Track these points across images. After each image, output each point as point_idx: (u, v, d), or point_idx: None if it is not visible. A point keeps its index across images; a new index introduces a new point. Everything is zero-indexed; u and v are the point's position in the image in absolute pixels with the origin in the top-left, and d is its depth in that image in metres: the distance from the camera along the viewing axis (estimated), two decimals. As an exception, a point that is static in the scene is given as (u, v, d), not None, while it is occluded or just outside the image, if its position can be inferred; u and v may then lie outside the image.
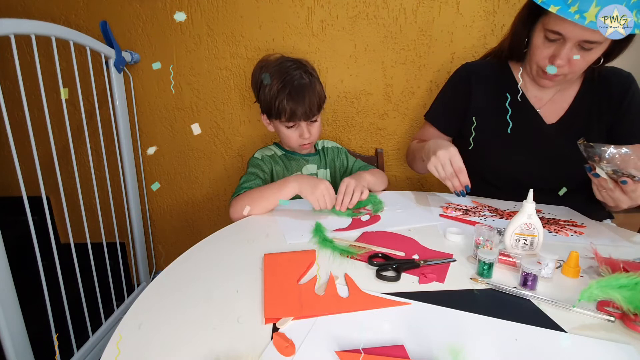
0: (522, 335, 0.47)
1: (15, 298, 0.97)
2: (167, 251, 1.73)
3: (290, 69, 1.02)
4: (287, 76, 1.00)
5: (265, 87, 1.01)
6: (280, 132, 1.08)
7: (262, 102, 1.05)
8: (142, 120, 1.53)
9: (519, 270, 0.61)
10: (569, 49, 0.84)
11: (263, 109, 1.07)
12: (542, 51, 0.90)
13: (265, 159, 1.09)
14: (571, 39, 0.83)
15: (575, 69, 0.88)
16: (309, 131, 1.05)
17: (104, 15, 1.41)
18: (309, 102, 1.00)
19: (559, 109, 1.00)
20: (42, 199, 1.05)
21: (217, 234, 0.78)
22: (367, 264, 0.65)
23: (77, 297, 1.19)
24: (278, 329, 0.48)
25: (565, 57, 0.86)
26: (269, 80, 1.00)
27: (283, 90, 0.99)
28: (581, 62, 0.87)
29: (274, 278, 0.59)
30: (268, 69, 1.03)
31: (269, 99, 1.01)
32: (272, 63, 1.04)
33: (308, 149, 1.13)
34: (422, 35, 1.37)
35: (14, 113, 1.02)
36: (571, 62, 0.86)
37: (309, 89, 1.01)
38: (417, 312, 0.52)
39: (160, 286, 0.59)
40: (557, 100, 1.00)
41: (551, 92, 1.01)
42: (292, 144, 1.08)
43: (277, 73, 1.01)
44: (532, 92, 1.02)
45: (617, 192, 0.75)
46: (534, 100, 1.02)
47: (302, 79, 1.01)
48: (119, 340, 0.47)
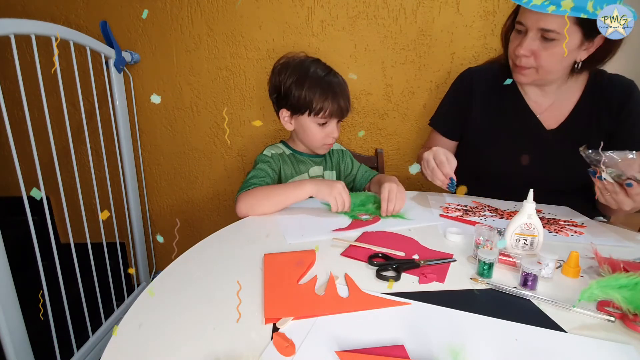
0: (522, 335, 0.47)
1: (15, 298, 0.97)
2: (167, 251, 1.73)
3: (320, 68, 1.02)
4: (325, 75, 1.01)
5: (301, 84, 0.99)
6: (306, 130, 1.04)
7: (292, 99, 1.01)
8: (142, 120, 1.53)
9: (519, 270, 0.61)
10: (530, 38, 0.87)
11: (291, 105, 1.02)
12: (512, 43, 0.93)
13: (274, 157, 1.07)
14: (530, 28, 0.86)
15: (542, 62, 0.89)
16: (337, 130, 1.06)
17: (104, 15, 1.41)
18: (346, 100, 1.03)
19: (559, 115, 1.00)
20: (42, 199, 1.05)
21: (217, 234, 0.78)
22: (367, 264, 0.65)
23: (77, 297, 1.19)
24: (278, 329, 0.48)
25: (527, 47, 0.88)
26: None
27: (325, 89, 0.99)
28: (546, 55, 0.87)
29: (274, 278, 0.59)
30: (299, 68, 1.01)
31: (307, 97, 0.99)
32: (303, 61, 1.03)
33: (327, 150, 1.11)
34: (422, 35, 1.37)
35: (14, 113, 1.02)
36: (536, 54, 0.88)
37: (345, 87, 1.04)
38: (417, 312, 0.52)
39: (160, 286, 0.59)
40: (557, 106, 1.00)
41: (551, 98, 1.01)
42: (316, 143, 1.06)
43: (312, 72, 1.01)
44: (532, 97, 1.02)
45: (621, 194, 0.75)
46: (534, 106, 1.02)
47: (337, 78, 1.03)
48: (119, 340, 0.47)
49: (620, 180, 0.73)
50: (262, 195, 0.89)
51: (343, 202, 0.86)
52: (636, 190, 0.72)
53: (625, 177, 0.72)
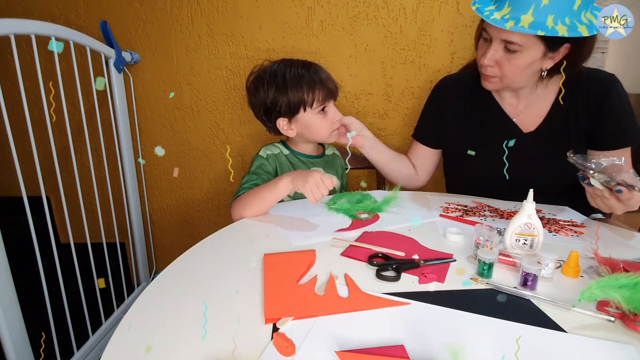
0: (522, 335, 0.47)
1: (15, 298, 0.97)
2: (167, 251, 1.73)
3: (295, 63, 1.02)
4: (300, 68, 1.00)
5: (284, 87, 0.98)
6: (310, 125, 1.02)
7: (283, 106, 1.00)
8: (142, 120, 1.53)
9: (519, 270, 0.61)
10: (494, 48, 0.87)
11: (284, 112, 1.01)
12: (479, 51, 0.94)
13: (270, 158, 1.06)
14: (494, 38, 0.86)
15: (505, 72, 0.89)
16: (337, 112, 1.05)
17: (104, 15, 1.41)
18: (332, 79, 1.03)
19: (536, 117, 0.99)
20: (42, 199, 1.05)
21: (217, 234, 0.78)
22: (367, 264, 0.65)
23: (77, 297, 1.19)
24: (278, 329, 0.48)
25: (491, 57, 0.88)
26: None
27: (310, 79, 0.98)
28: (509, 66, 0.88)
29: (274, 278, 0.59)
30: (273, 76, 0.99)
31: (297, 95, 0.98)
32: (272, 69, 1.01)
33: (338, 135, 1.08)
34: (422, 35, 1.37)
35: (14, 113, 1.02)
36: (500, 63, 0.88)
37: (324, 70, 1.03)
38: (417, 312, 0.52)
39: (160, 286, 0.59)
40: (533, 108, 0.99)
41: (525, 101, 1.00)
42: (325, 133, 1.04)
43: (290, 71, 0.99)
44: (506, 100, 1.02)
45: (612, 200, 0.74)
46: (509, 109, 1.01)
47: (312, 65, 1.03)
48: (118, 340, 0.47)
49: (610, 185, 0.73)
50: (248, 199, 0.89)
51: (320, 192, 0.82)
52: (626, 195, 0.72)
53: (615, 182, 0.72)
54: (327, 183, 0.82)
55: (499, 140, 0.97)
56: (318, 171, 0.84)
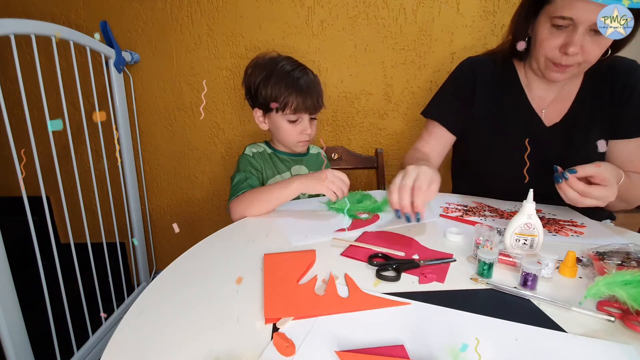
0: (522, 335, 0.47)
1: (15, 298, 0.97)
2: (167, 251, 1.73)
3: (289, 65, 1.02)
4: (292, 71, 1.01)
5: (268, 80, 0.99)
6: (279, 128, 1.04)
7: (260, 97, 1.02)
8: (142, 120, 1.53)
9: (519, 270, 0.61)
10: (581, 34, 0.80)
11: (260, 104, 1.04)
12: (550, 42, 0.85)
13: (256, 157, 1.06)
14: (583, 22, 0.79)
15: (589, 57, 0.84)
16: (310, 127, 1.04)
17: (104, 15, 1.41)
18: (317, 96, 1.02)
19: (562, 108, 0.98)
20: (42, 199, 1.06)
21: (217, 234, 0.78)
22: (367, 264, 0.65)
23: (77, 297, 1.19)
24: (278, 329, 0.48)
25: (579, 43, 0.81)
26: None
27: (292, 84, 0.98)
28: (595, 49, 0.82)
29: (274, 278, 0.59)
30: (267, 65, 1.02)
31: (274, 93, 0.99)
32: (273, 59, 1.04)
33: (304, 147, 1.10)
34: (422, 35, 1.37)
35: (14, 113, 1.02)
36: (585, 49, 0.82)
37: (315, 83, 1.03)
38: (417, 312, 0.52)
39: (160, 286, 0.59)
40: (560, 98, 0.98)
41: (555, 91, 0.98)
42: (291, 141, 1.05)
43: (281, 68, 1.00)
44: (536, 92, 0.99)
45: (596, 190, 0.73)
46: (538, 101, 0.99)
47: (307, 74, 1.03)
48: (118, 340, 0.47)
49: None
50: (252, 199, 0.89)
51: (339, 187, 0.82)
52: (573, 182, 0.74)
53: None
54: (342, 185, 0.82)
55: (519, 133, 0.96)
56: (329, 170, 0.84)
